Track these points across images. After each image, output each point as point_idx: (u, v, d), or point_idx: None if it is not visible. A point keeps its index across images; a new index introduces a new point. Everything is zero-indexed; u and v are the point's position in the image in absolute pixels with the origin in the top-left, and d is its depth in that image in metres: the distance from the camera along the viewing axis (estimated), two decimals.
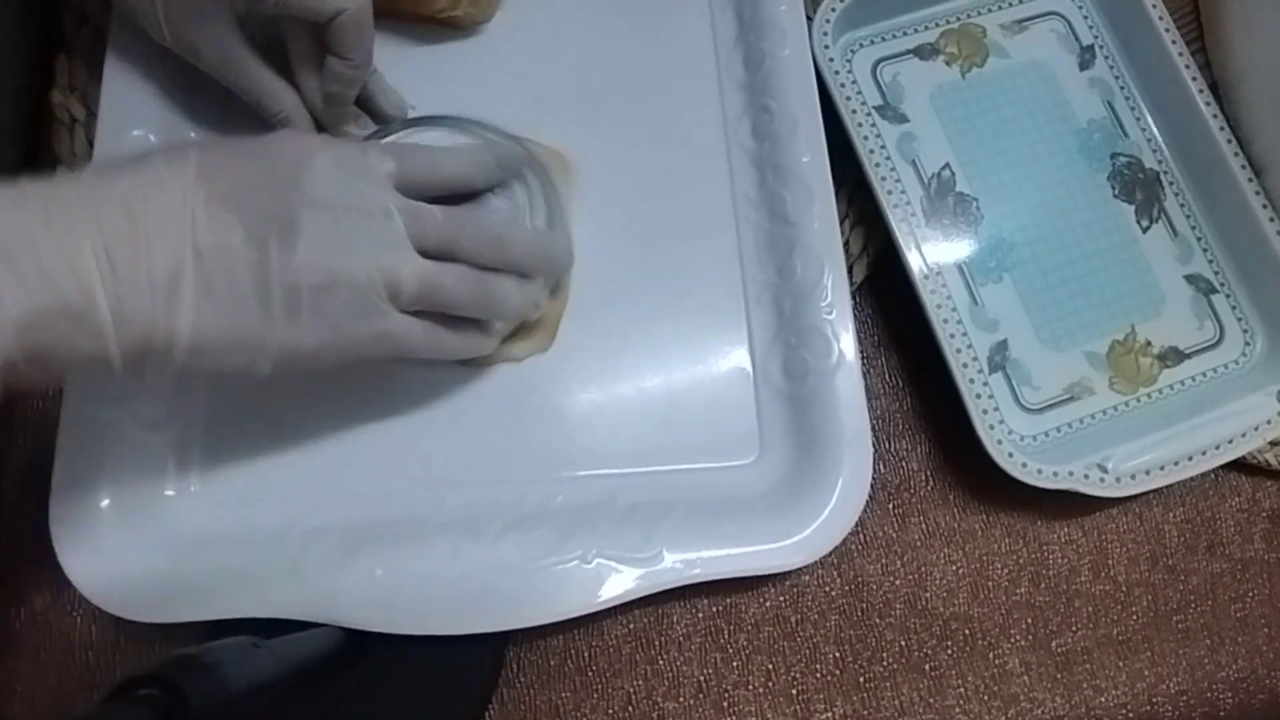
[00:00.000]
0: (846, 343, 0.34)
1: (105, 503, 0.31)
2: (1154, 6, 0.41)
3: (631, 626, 0.35)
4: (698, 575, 0.31)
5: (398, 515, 0.32)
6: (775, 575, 0.35)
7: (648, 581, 0.31)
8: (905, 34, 0.42)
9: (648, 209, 0.37)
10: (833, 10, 0.39)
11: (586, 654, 0.35)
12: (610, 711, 0.34)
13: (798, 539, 0.32)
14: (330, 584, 0.30)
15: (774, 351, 0.35)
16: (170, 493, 0.32)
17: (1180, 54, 0.40)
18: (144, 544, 0.31)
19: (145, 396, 0.32)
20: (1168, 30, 0.40)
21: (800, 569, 0.34)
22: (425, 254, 0.28)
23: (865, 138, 0.38)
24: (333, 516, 0.32)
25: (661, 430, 0.34)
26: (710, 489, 0.33)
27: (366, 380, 0.34)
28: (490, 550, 0.31)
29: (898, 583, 0.36)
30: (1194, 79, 0.40)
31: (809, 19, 0.38)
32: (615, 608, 0.31)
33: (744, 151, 0.37)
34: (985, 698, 0.36)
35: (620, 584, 0.31)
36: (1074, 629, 0.37)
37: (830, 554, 0.32)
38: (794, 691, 0.35)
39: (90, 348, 0.23)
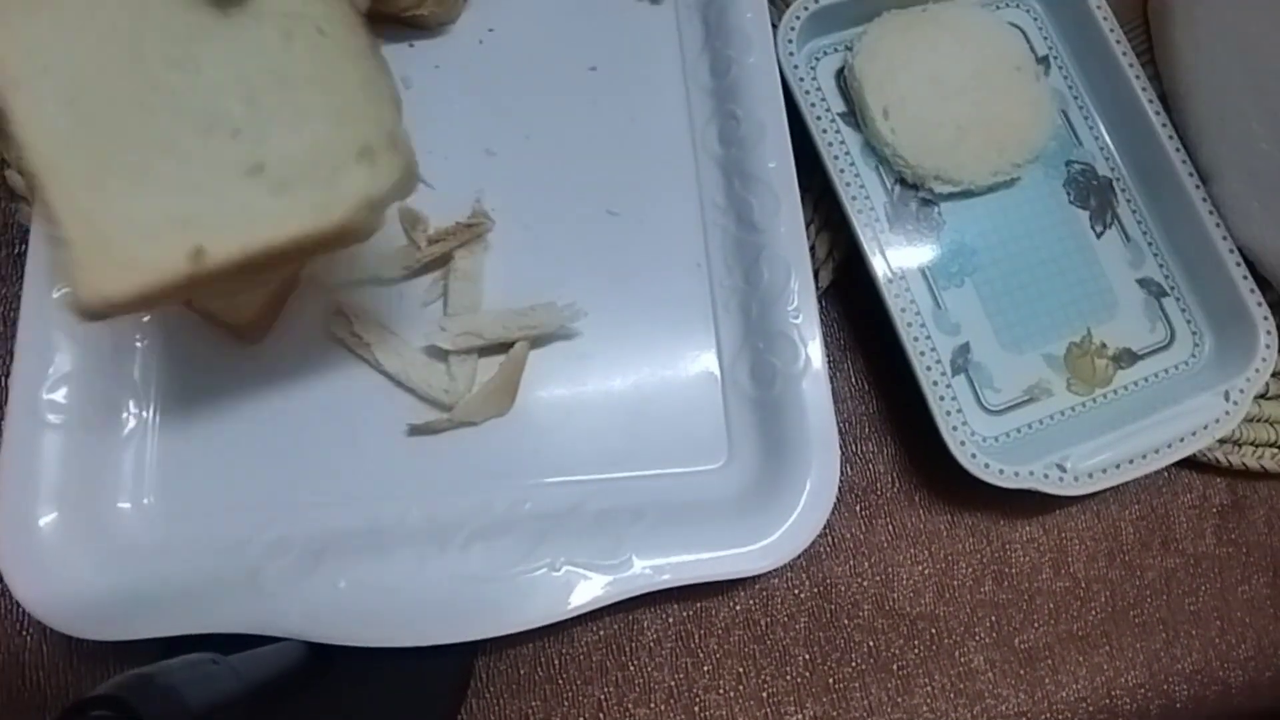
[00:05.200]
0: (813, 347, 0.34)
1: (53, 516, 0.30)
2: (1105, 20, 0.42)
3: (601, 633, 0.35)
4: (667, 581, 0.31)
5: (361, 525, 0.32)
6: (745, 579, 0.36)
7: (617, 588, 0.31)
8: None
9: (615, 215, 0.37)
10: (797, 18, 0.40)
11: (556, 662, 0.34)
12: (581, 719, 0.34)
13: (766, 543, 0.32)
14: (292, 597, 0.29)
15: (742, 356, 0.35)
16: (124, 505, 0.31)
17: (1130, 65, 0.41)
18: (95, 559, 0.30)
19: (94, 403, 0.31)
20: (1119, 42, 0.41)
21: (769, 572, 0.34)
22: None
23: (830, 144, 0.39)
24: (294, 528, 0.31)
25: (630, 436, 0.34)
26: (679, 494, 0.33)
27: (326, 387, 0.33)
28: (457, 560, 0.31)
29: (865, 584, 0.37)
30: (1144, 89, 0.41)
31: (774, 26, 0.39)
32: (585, 615, 0.31)
33: (711, 158, 0.38)
34: (951, 695, 0.36)
35: (589, 591, 0.30)
36: (1036, 626, 0.37)
37: (799, 556, 0.32)
38: (764, 694, 0.35)
39: None
